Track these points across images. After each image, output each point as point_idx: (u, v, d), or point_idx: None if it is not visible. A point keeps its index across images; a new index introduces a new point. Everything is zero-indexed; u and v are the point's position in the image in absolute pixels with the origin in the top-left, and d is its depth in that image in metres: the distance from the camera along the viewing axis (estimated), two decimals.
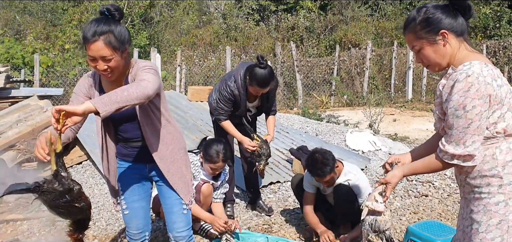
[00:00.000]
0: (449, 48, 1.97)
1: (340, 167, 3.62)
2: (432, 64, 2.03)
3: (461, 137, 1.89)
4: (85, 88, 2.52)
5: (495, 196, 1.94)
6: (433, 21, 1.96)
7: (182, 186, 2.72)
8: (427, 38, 1.97)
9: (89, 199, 2.47)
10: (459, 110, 1.86)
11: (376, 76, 14.10)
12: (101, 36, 2.27)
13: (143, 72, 2.38)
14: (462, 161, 1.92)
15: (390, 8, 18.69)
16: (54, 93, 8.40)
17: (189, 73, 13.20)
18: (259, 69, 3.74)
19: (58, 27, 16.72)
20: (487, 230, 1.95)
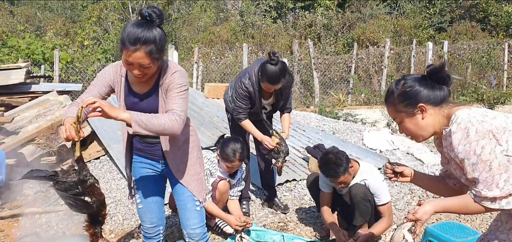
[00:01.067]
0: (429, 119, 1.96)
1: (355, 167, 3.56)
2: (414, 136, 2.04)
3: (491, 182, 1.80)
4: (110, 77, 2.52)
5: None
6: (410, 95, 1.95)
7: (195, 184, 2.73)
8: (406, 111, 1.97)
9: (103, 196, 2.48)
10: (472, 158, 1.80)
11: (394, 74, 13.93)
12: (144, 46, 2.23)
13: (176, 94, 2.39)
14: (506, 204, 1.82)
15: (409, 6, 18.45)
16: (73, 88, 8.48)
17: (206, 70, 13.23)
18: (270, 65, 3.70)
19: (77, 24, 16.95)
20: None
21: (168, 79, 2.43)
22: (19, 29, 15.14)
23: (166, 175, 2.79)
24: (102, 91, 2.52)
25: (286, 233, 3.91)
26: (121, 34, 2.29)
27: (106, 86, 2.52)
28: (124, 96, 2.53)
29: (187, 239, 2.80)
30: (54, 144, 5.58)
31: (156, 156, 2.69)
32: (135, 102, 2.52)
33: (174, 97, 2.39)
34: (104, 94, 2.53)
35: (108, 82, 2.52)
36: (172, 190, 2.82)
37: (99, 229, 2.58)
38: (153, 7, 2.30)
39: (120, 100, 2.55)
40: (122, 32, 2.28)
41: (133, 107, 2.52)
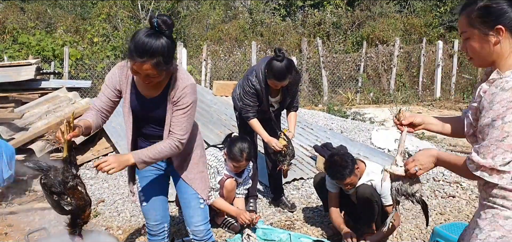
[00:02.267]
0: (498, 48, 1.75)
1: (361, 168, 3.54)
2: (476, 59, 1.84)
3: (491, 150, 1.70)
4: (116, 80, 2.52)
5: (507, 211, 1.80)
6: (494, 12, 1.72)
7: (198, 182, 2.75)
8: (480, 29, 1.76)
9: (85, 201, 2.43)
10: (497, 121, 1.67)
11: (403, 73, 13.84)
12: (151, 58, 2.22)
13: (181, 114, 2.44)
14: (488, 175, 1.73)
15: (419, 5, 18.29)
16: (82, 85, 8.53)
17: (215, 68, 13.24)
18: (276, 62, 3.70)
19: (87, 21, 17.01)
20: (486, 240, 1.82)
21: (178, 93, 2.44)
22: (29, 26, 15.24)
23: (170, 173, 2.82)
24: (111, 96, 2.54)
25: (293, 231, 3.91)
26: (129, 42, 2.28)
27: (114, 90, 2.53)
28: (129, 99, 2.53)
29: (191, 236, 2.83)
30: None
31: None
32: (141, 105, 2.54)
33: (179, 118, 2.45)
34: (113, 99, 2.55)
35: (114, 85, 2.52)
36: (176, 188, 2.84)
37: (78, 230, 2.55)
38: (163, 16, 2.26)
39: (125, 102, 2.54)
40: (131, 41, 2.26)
41: (140, 110, 2.55)
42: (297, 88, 4.16)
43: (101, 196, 4.84)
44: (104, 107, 2.55)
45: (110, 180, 5.23)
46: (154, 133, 2.62)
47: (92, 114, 2.52)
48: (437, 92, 13.29)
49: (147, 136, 2.66)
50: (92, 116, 2.51)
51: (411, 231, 3.98)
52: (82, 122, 2.42)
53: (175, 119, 2.46)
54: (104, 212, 4.47)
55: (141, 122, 2.62)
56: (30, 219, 4.39)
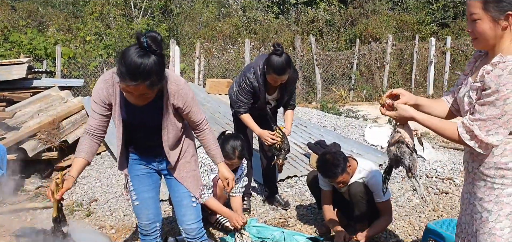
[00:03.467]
0: (506, 33, 1.91)
1: (353, 165, 3.54)
2: (481, 40, 1.96)
3: (488, 125, 1.89)
4: (104, 94, 2.46)
5: (508, 188, 1.97)
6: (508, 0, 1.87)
7: (191, 180, 2.76)
8: (492, 13, 1.89)
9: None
10: (500, 101, 1.84)
11: (396, 70, 13.88)
12: (145, 80, 2.18)
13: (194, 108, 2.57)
14: (478, 146, 1.93)
15: (412, 2, 18.36)
16: (75, 84, 8.49)
17: (208, 66, 13.21)
18: (275, 56, 3.70)
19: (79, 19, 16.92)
20: (497, 220, 1.99)
21: (179, 97, 2.48)
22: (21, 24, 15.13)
23: (161, 172, 2.81)
24: (103, 112, 2.51)
25: (286, 229, 3.91)
26: (120, 63, 2.18)
27: (104, 105, 2.49)
28: (119, 110, 2.50)
29: (183, 234, 2.83)
30: (56, 139, 5.59)
31: (152, 155, 2.73)
32: (132, 114, 2.51)
33: (194, 111, 2.59)
34: (106, 113, 2.52)
35: (103, 100, 2.47)
36: (168, 187, 2.84)
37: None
38: (151, 34, 2.19)
39: (115, 113, 2.50)
40: (121, 63, 2.17)
41: (131, 119, 2.53)
42: (294, 86, 4.15)
43: (94, 195, 4.82)
44: (98, 126, 2.53)
45: (103, 179, 5.21)
46: (147, 139, 2.64)
47: (85, 146, 2.52)
48: (430, 89, 13.34)
49: (139, 143, 2.68)
50: (85, 150, 2.51)
51: (404, 228, 4.00)
52: (75, 167, 2.49)
53: (192, 114, 2.59)
54: (97, 211, 4.44)
55: (132, 130, 2.61)
56: (22, 219, 4.35)
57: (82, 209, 4.53)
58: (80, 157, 2.52)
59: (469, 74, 2.13)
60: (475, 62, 2.14)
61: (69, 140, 5.68)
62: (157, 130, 2.56)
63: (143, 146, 2.70)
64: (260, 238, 3.75)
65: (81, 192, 4.91)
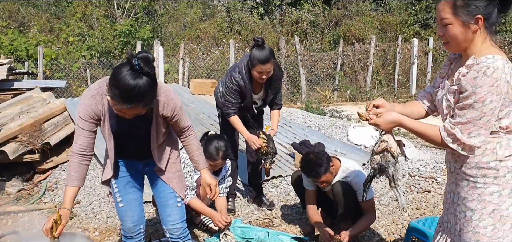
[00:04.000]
0: (476, 36, 1.95)
1: (337, 165, 3.57)
2: (453, 44, 2.00)
3: (469, 128, 1.92)
4: (92, 112, 2.42)
5: (490, 186, 2.01)
6: (475, 3, 1.90)
7: (176, 181, 2.77)
8: (462, 18, 1.92)
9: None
10: (478, 103, 1.88)
11: (379, 71, 14.02)
12: (139, 102, 2.19)
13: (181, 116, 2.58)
14: (461, 149, 1.97)
15: (395, 3, 18.56)
16: (57, 85, 8.37)
17: (193, 67, 13.17)
18: (257, 47, 3.73)
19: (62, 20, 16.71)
20: (481, 219, 2.03)
21: (167, 106, 2.49)
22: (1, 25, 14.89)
23: (147, 173, 2.81)
24: (91, 128, 2.46)
25: (271, 229, 3.92)
26: (113, 85, 2.16)
27: (93, 121, 2.44)
28: (109, 124, 2.48)
29: (168, 235, 2.82)
30: (37, 141, 5.51)
31: (137, 157, 2.72)
32: (123, 128, 2.51)
33: (181, 119, 2.62)
34: (94, 129, 2.49)
35: (92, 117, 2.43)
36: (153, 188, 2.83)
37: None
38: (142, 54, 2.16)
39: (104, 126, 2.48)
40: (113, 86, 2.15)
41: (121, 133, 2.53)
42: (280, 85, 4.16)
43: (76, 198, 4.75)
44: (88, 145, 2.46)
45: (86, 182, 5.14)
46: (136, 147, 2.64)
47: (75, 172, 2.45)
48: (412, 89, 13.50)
49: (127, 151, 2.66)
50: (76, 177, 2.45)
51: (387, 226, 4.04)
52: (68, 197, 2.42)
53: (180, 122, 2.61)
54: (80, 214, 4.40)
55: (122, 140, 2.59)
56: (3, 223, 4.29)
57: None
58: (72, 185, 2.44)
59: (445, 76, 2.16)
60: (450, 64, 2.18)
61: (51, 142, 5.61)
62: (146, 138, 2.57)
63: (131, 153, 2.69)
64: (245, 239, 3.75)
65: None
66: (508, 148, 1.99)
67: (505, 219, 2.02)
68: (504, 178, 1.99)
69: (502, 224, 2.02)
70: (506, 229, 2.02)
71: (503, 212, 2.01)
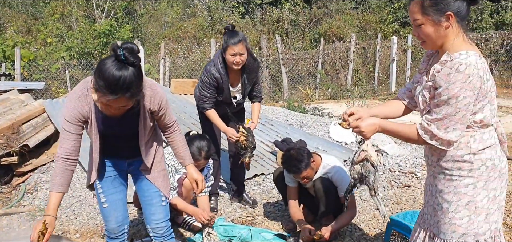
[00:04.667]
0: (449, 32, 1.98)
1: (317, 161, 3.60)
2: (428, 42, 2.05)
3: (445, 123, 1.96)
4: (79, 114, 2.39)
5: (465, 179, 2.07)
6: (443, 1, 1.94)
7: (161, 180, 2.77)
8: (432, 17, 1.96)
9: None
10: (452, 99, 1.91)
11: (360, 69, 14.16)
12: (125, 93, 2.15)
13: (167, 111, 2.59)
14: (440, 144, 2.01)
15: (375, 1, 18.76)
16: (35, 87, 8.24)
17: (174, 66, 13.10)
18: (227, 32, 3.79)
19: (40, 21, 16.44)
20: (457, 210, 2.09)
21: (154, 101, 2.49)
22: None
23: (131, 172, 2.79)
24: (78, 130, 2.43)
25: (254, 227, 3.93)
26: (98, 77, 2.14)
27: (80, 123, 2.41)
28: (96, 124, 2.46)
29: (151, 234, 2.80)
30: (16, 144, 5.41)
31: (123, 156, 2.71)
32: (110, 128, 2.49)
33: (166, 114, 2.62)
34: (81, 132, 2.46)
35: (79, 119, 2.40)
36: (137, 186, 2.81)
37: None
38: (127, 45, 2.15)
39: (91, 127, 2.46)
40: (98, 77, 2.13)
41: (109, 132, 2.50)
42: (257, 76, 4.15)
43: None
44: (74, 148, 2.43)
45: None
46: (123, 145, 2.63)
47: (60, 178, 2.41)
48: (392, 86, 13.67)
49: (116, 152, 2.65)
50: (60, 182, 2.41)
51: (369, 221, 4.08)
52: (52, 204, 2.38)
53: (165, 117, 2.61)
54: (60, 216, 4.33)
55: (110, 140, 2.57)
56: None
57: None
58: (56, 191, 2.40)
59: (424, 72, 2.21)
60: (429, 60, 2.22)
61: (30, 144, 5.52)
62: (133, 136, 2.56)
63: (118, 152, 2.67)
64: (228, 237, 3.75)
65: (44, 197, 4.78)
66: (482, 141, 2.04)
67: (480, 210, 2.07)
68: (478, 171, 2.05)
69: (477, 215, 2.08)
70: (481, 220, 2.08)
71: (477, 203, 2.07)
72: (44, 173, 5.39)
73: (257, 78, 4.15)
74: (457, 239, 2.11)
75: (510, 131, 7.56)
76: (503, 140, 2.13)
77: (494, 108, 2.04)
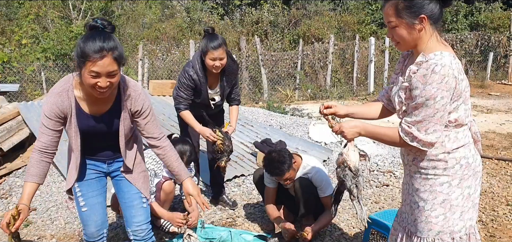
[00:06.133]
0: (423, 34, 2.01)
1: (298, 162, 3.61)
2: (402, 44, 2.07)
3: (424, 125, 1.98)
4: (59, 108, 2.36)
5: (440, 177, 2.10)
6: (417, 4, 1.97)
7: (142, 181, 2.74)
8: (406, 20, 1.99)
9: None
10: (430, 100, 1.93)
11: (338, 69, 14.28)
12: (110, 52, 2.18)
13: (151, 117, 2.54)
14: (421, 146, 2.03)
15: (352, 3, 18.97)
16: (9, 89, 8.06)
17: (152, 68, 12.99)
18: (207, 35, 3.77)
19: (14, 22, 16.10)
20: (432, 209, 2.13)
21: (136, 102, 2.47)
22: None
23: (111, 174, 2.74)
24: (56, 127, 2.41)
25: (234, 228, 3.92)
26: (78, 50, 2.19)
27: (58, 119, 2.39)
28: (76, 121, 2.42)
29: (131, 237, 2.75)
30: None
31: (103, 157, 2.67)
32: (91, 126, 2.46)
33: (151, 121, 2.56)
34: (59, 128, 2.43)
35: (58, 114, 2.37)
36: (117, 188, 2.77)
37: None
38: (100, 17, 2.28)
39: (71, 125, 2.43)
40: (80, 47, 2.18)
41: (89, 130, 2.47)
42: (236, 78, 4.13)
43: (32, 205, 4.59)
44: (51, 143, 2.42)
45: (42, 187, 4.99)
46: (103, 145, 2.60)
47: (36, 168, 2.39)
48: (370, 87, 13.83)
49: (95, 149, 2.61)
50: (36, 173, 2.39)
51: (348, 220, 4.12)
52: (26, 193, 2.36)
53: (150, 124, 2.56)
54: (37, 221, 4.25)
55: (90, 139, 2.53)
56: None
57: None
58: (31, 181, 2.38)
59: (399, 73, 2.24)
60: (404, 60, 2.25)
61: (4, 148, 5.40)
62: (113, 136, 2.53)
63: (98, 151, 2.63)
64: (208, 239, 3.73)
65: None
66: (456, 141, 2.07)
67: (455, 208, 2.11)
68: (453, 169, 2.08)
69: (452, 213, 2.11)
70: (456, 218, 2.12)
71: (452, 201, 2.11)
72: (19, 177, 5.27)
73: (236, 81, 4.14)
74: (433, 237, 2.15)
75: (484, 130, 7.73)
76: (477, 139, 2.18)
77: (468, 108, 2.08)
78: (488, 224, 4.02)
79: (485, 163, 5.76)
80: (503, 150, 6.48)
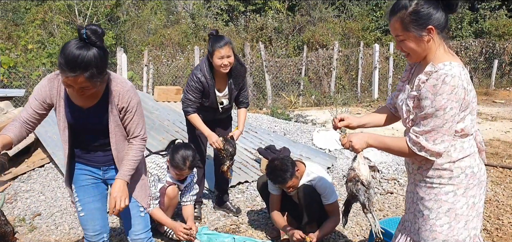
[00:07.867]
0: (431, 44, 2.01)
1: (301, 169, 3.61)
2: (413, 55, 2.08)
3: (433, 135, 1.98)
4: (46, 93, 2.42)
5: (445, 186, 2.10)
6: (423, 16, 1.97)
7: (138, 190, 2.72)
8: (414, 32, 1.99)
9: (5, 229, 2.60)
10: (440, 111, 1.94)
11: (343, 76, 14.28)
12: (84, 71, 2.16)
13: (135, 115, 2.49)
14: (429, 155, 2.03)
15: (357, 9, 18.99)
16: (15, 94, 8.11)
17: (157, 73, 13.03)
18: (212, 37, 3.82)
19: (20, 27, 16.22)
20: (437, 217, 2.13)
21: (123, 98, 2.45)
22: None
23: (108, 181, 2.75)
24: (38, 109, 2.45)
25: (237, 235, 3.92)
26: (59, 55, 2.19)
27: (42, 103, 2.44)
28: (64, 112, 2.45)
29: None
30: None
31: (97, 163, 2.66)
32: (78, 117, 2.47)
33: (134, 120, 2.52)
34: (41, 111, 2.46)
35: (44, 98, 2.43)
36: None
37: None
38: (92, 26, 2.20)
39: (59, 115, 2.46)
40: (60, 55, 2.18)
41: (77, 122, 2.48)
42: (244, 81, 4.15)
43: (37, 210, 4.62)
44: (30, 120, 2.46)
45: (47, 192, 5.01)
46: (94, 142, 2.58)
47: (14, 127, 2.41)
48: (375, 94, 13.81)
49: (86, 146, 2.61)
50: (13, 130, 2.40)
51: (352, 228, 4.11)
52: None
53: (132, 123, 2.52)
54: (41, 226, 4.27)
55: (79, 133, 2.55)
56: None
57: (25, 224, 4.33)
58: (7, 134, 2.35)
59: (406, 81, 2.24)
60: (411, 68, 2.25)
61: (10, 153, 5.43)
62: (104, 134, 2.53)
63: (89, 151, 2.62)
64: None
65: (24, 207, 4.70)
66: (462, 150, 2.08)
67: (460, 217, 2.11)
68: (458, 178, 2.09)
69: (457, 222, 2.11)
70: (460, 227, 2.12)
71: (457, 210, 2.11)
72: (24, 182, 5.30)
73: (243, 83, 4.15)
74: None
75: (489, 137, 7.70)
76: (481, 148, 2.18)
77: (474, 118, 2.09)
78: (493, 233, 4.00)
79: (489, 171, 5.74)
80: (508, 158, 6.46)
